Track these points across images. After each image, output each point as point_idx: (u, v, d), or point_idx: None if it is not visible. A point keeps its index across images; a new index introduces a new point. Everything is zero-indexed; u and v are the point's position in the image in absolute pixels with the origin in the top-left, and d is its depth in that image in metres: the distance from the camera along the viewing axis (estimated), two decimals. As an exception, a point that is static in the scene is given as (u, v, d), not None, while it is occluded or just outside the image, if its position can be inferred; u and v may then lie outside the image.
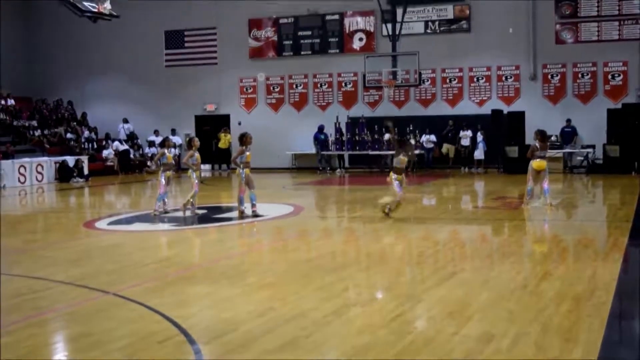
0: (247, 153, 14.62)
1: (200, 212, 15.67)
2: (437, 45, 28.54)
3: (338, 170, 28.85)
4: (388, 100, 29.12)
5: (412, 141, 25.18)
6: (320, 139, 29.00)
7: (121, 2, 26.36)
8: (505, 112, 27.19)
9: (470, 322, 6.61)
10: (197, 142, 15.46)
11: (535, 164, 14.90)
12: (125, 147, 30.81)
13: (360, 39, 30.00)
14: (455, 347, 5.92)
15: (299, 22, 30.72)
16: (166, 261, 10.30)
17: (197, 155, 15.27)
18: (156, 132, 31.56)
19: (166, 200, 15.70)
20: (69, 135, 30.65)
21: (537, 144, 15.16)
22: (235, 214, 15.28)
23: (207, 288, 8.31)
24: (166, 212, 15.48)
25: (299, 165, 30.26)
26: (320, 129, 29.05)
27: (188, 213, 15.11)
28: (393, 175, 13.95)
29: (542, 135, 15.35)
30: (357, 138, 28.51)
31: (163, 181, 15.38)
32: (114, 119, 32.21)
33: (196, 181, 15.09)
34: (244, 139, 14.69)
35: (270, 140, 30.18)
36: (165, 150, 15.71)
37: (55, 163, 26.55)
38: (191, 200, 15.17)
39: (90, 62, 33.20)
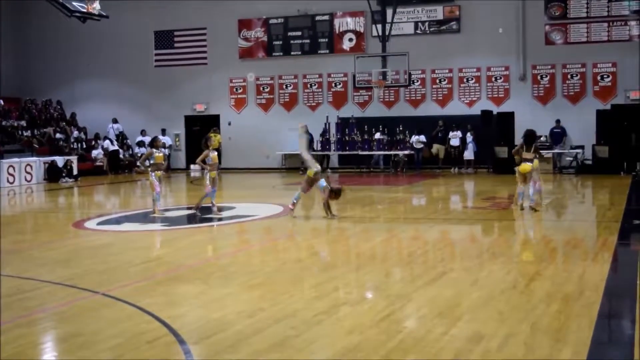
0: None
1: (191, 212, 15.63)
2: (427, 45, 28.61)
3: (328, 171, 28.83)
4: (378, 101, 29.16)
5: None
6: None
7: (110, 2, 26.30)
8: (494, 112, 27.29)
9: (460, 322, 6.62)
10: (212, 141, 15.17)
11: (521, 167, 14.73)
12: (115, 147, 30.72)
13: (350, 40, 30.02)
14: (445, 347, 5.92)
15: (288, 23, 30.72)
16: (156, 261, 10.28)
17: (213, 155, 14.93)
18: (143, 132, 31.54)
19: (159, 200, 15.51)
20: (58, 135, 30.53)
21: (522, 146, 14.97)
22: (228, 213, 15.28)
23: (197, 288, 8.29)
24: (162, 213, 15.28)
25: (289, 166, 30.23)
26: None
27: (196, 213, 14.92)
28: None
29: (524, 138, 15.06)
30: (346, 138, 28.53)
31: (156, 181, 15.19)
32: (104, 119, 32.13)
33: (208, 182, 14.86)
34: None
35: (260, 140, 30.21)
36: (154, 150, 15.54)
37: (45, 163, 26.45)
38: (202, 201, 15.03)
39: (79, 62, 33.09)
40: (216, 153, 15.14)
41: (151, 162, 15.40)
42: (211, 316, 6.99)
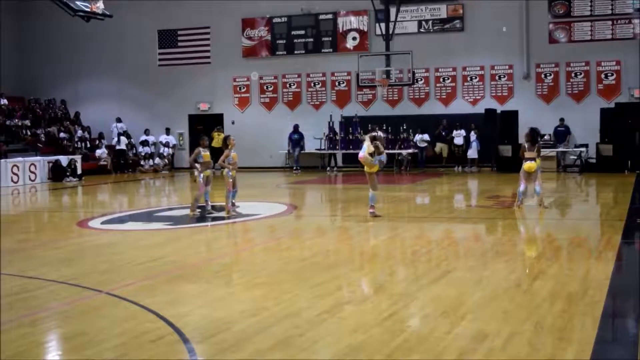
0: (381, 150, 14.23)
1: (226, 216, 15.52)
2: (431, 44, 28.56)
3: (335, 169, 28.84)
4: (381, 100, 29.12)
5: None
6: (293, 139, 29.06)
7: (114, 2, 26.31)
8: (498, 111, 27.25)
9: (463, 321, 6.61)
10: (233, 141, 14.89)
11: (525, 165, 14.80)
12: (122, 146, 30.67)
13: (354, 38, 30.00)
14: (449, 346, 5.92)
15: (292, 22, 30.69)
16: (159, 260, 10.26)
17: (233, 154, 14.74)
18: (147, 132, 31.62)
19: (208, 200, 15.22)
20: (62, 135, 30.56)
21: (525, 145, 15.06)
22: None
23: (200, 287, 8.29)
24: (210, 212, 15.08)
25: (292, 165, 30.21)
26: (295, 128, 29.12)
27: (233, 213, 14.83)
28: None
29: (530, 136, 15.12)
30: (350, 137, 28.50)
31: (201, 181, 14.97)
32: (107, 118, 32.12)
33: (230, 181, 14.70)
34: (376, 142, 14.22)
35: (263, 139, 30.24)
36: (201, 150, 15.07)
37: (49, 162, 26.47)
38: (232, 200, 14.98)
39: (83, 61, 33.08)
40: (235, 153, 14.93)
41: (200, 161, 15.11)
42: (215, 315, 6.99)
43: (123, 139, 30.65)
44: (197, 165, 14.98)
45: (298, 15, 30.51)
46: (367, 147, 14.09)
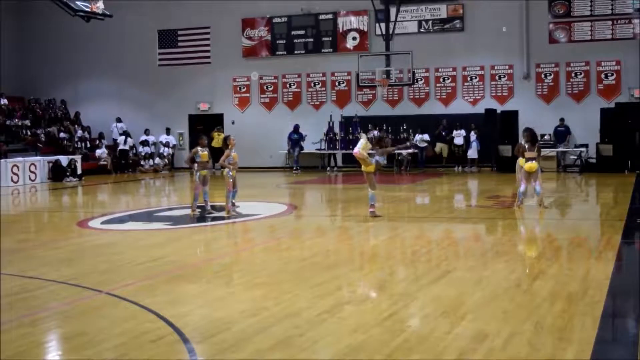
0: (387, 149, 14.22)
1: (226, 216, 15.53)
2: (431, 44, 28.55)
3: (335, 169, 28.88)
4: (381, 100, 29.11)
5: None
6: (293, 139, 29.09)
7: (114, 2, 26.30)
8: (498, 111, 27.25)
9: (463, 321, 6.61)
10: (233, 141, 14.87)
11: (526, 166, 14.77)
12: (126, 146, 30.65)
13: (354, 38, 30.00)
14: (449, 346, 5.92)
15: (292, 22, 30.69)
16: (159, 260, 10.25)
17: (233, 154, 14.73)
18: (147, 132, 31.62)
19: (208, 200, 15.19)
20: (62, 135, 30.55)
21: (525, 144, 15.02)
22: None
23: (200, 287, 8.29)
24: (209, 212, 15.06)
25: (292, 165, 30.20)
26: (295, 128, 29.16)
27: (233, 213, 14.82)
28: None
29: (530, 136, 15.09)
30: (350, 137, 28.49)
31: (197, 180, 14.95)
32: (107, 118, 32.12)
33: (231, 181, 14.70)
34: (384, 149, 14.17)
35: (263, 139, 30.23)
36: (199, 149, 15.02)
37: (49, 162, 26.45)
38: (232, 200, 14.97)
39: (83, 61, 33.07)
40: (235, 153, 14.90)
41: (197, 160, 15.06)
42: (215, 315, 6.99)
43: (128, 139, 30.66)
44: (194, 164, 15.02)
45: (298, 15, 30.51)
46: (362, 144, 14.06)
